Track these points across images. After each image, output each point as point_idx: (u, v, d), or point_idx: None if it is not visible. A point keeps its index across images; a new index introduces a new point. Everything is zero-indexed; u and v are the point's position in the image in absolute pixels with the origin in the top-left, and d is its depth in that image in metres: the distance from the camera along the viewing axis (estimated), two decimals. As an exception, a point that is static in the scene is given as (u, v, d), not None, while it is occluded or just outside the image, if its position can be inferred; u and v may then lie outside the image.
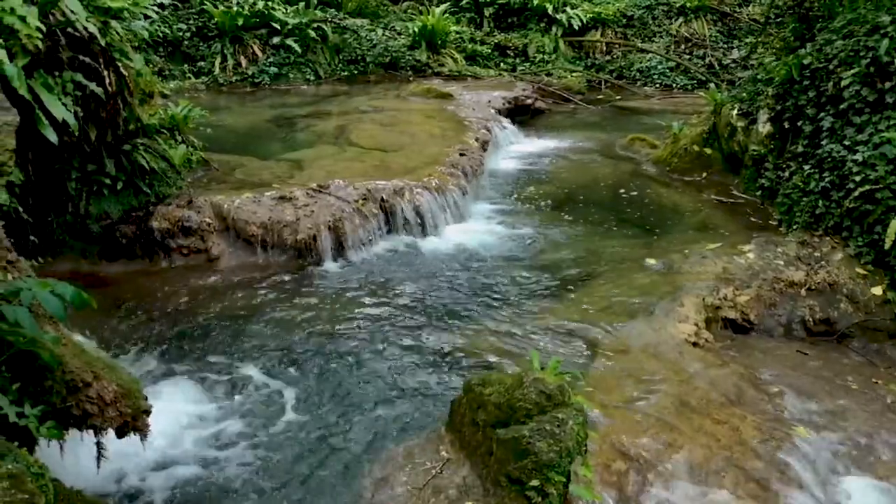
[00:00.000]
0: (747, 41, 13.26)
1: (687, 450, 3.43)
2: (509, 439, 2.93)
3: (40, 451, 2.68)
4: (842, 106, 5.80)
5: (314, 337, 4.61)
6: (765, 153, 6.78)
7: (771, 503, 3.19)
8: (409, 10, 15.08)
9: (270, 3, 12.48)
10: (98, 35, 4.68)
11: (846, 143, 5.60)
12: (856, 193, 5.22)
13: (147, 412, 3.07)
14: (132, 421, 3.00)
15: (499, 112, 10.23)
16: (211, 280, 5.40)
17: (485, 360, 4.32)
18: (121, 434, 3.00)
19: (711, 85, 10.96)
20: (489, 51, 14.07)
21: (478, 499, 2.94)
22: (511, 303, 5.07)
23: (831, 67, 6.07)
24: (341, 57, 13.01)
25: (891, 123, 5.35)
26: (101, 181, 5.39)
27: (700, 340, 4.52)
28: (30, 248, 4.35)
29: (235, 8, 12.18)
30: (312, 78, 12.41)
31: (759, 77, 7.34)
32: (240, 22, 12.10)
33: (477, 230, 6.53)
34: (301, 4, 13.01)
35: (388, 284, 5.41)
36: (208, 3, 12.12)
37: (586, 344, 4.44)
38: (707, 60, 13.46)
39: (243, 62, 12.11)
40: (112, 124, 5.24)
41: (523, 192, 7.52)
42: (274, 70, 12.12)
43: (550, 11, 14.30)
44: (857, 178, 5.25)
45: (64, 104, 4.32)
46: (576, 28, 14.27)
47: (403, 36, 13.72)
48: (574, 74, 13.39)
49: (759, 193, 6.76)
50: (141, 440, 3.09)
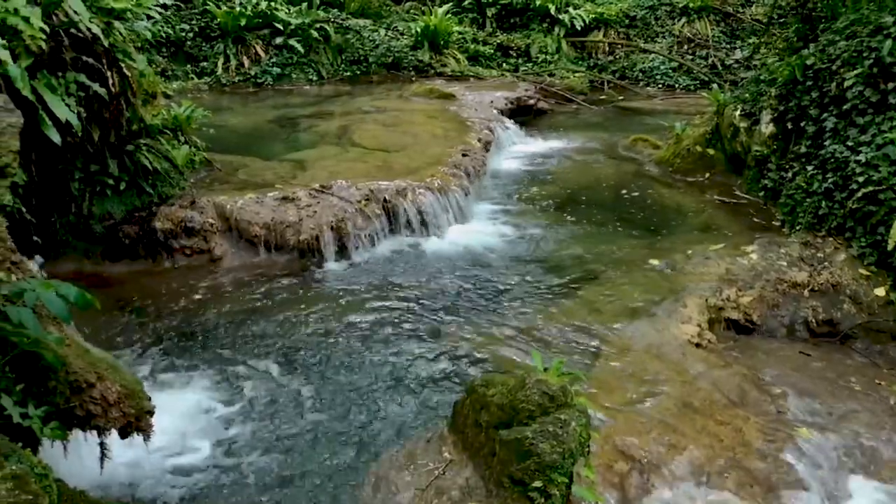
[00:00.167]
0: (750, 42, 13.25)
1: (689, 451, 3.43)
2: (512, 440, 2.93)
3: (44, 452, 2.70)
4: (845, 107, 5.80)
5: (317, 337, 4.62)
6: (768, 154, 6.77)
7: (774, 505, 3.19)
8: (412, 11, 15.05)
9: (273, 4, 12.48)
10: (101, 36, 4.69)
11: (849, 144, 5.59)
12: (859, 194, 5.21)
13: (150, 412, 3.08)
14: (136, 421, 3.01)
15: (501, 112, 10.22)
16: (214, 280, 5.41)
17: (487, 361, 4.32)
18: (124, 434, 3.01)
19: (714, 85, 10.92)
20: (492, 51, 14.06)
21: (480, 500, 2.94)
22: (514, 303, 5.07)
23: (834, 68, 6.06)
24: (344, 57, 13.00)
25: (894, 124, 5.33)
26: (105, 182, 5.40)
27: (703, 341, 4.52)
28: (33, 249, 4.35)
29: (238, 8, 12.17)
30: (315, 78, 12.41)
31: (762, 77, 7.33)
32: (242, 22, 12.10)
33: (479, 231, 6.52)
34: (304, 5, 13.01)
35: (391, 285, 5.41)
36: (211, 4, 12.13)
37: (589, 345, 4.44)
38: (710, 61, 13.42)
39: (246, 62, 12.12)
40: (115, 125, 5.25)
41: (526, 193, 7.51)
42: (277, 70, 12.13)
43: (553, 12, 14.28)
44: (861, 179, 5.25)
45: (67, 105, 4.33)
46: (578, 28, 14.25)
47: (406, 36, 13.71)
48: (576, 75, 13.38)
49: (762, 194, 6.75)
50: (144, 440, 3.10)
